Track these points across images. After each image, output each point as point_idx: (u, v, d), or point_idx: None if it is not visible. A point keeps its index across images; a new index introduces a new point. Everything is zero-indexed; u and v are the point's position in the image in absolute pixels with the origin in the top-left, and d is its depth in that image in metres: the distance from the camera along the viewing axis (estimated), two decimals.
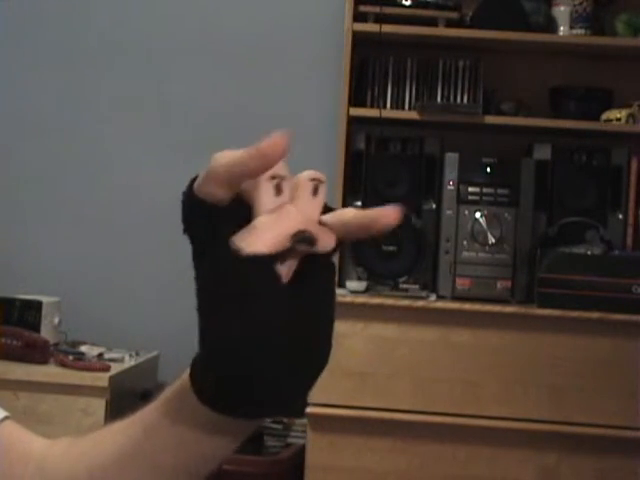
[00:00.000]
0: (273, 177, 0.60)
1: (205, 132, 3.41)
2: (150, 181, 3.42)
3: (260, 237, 0.59)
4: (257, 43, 3.41)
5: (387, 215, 0.60)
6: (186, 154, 3.42)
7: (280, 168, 0.61)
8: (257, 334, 0.58)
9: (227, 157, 0.60)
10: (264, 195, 0.60)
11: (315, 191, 0.61)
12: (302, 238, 0.59)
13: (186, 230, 0.63)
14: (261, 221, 0.60)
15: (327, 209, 0.62)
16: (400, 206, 0.61)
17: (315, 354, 0.61)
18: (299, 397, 0.62)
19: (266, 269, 0.59)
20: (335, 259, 0.63)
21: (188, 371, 0.65)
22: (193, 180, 0.62)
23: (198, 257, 0.62)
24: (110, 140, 3.45)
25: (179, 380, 0.68)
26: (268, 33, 3.41)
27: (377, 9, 3.07)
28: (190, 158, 3.42)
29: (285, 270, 0.60)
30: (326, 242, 0.60)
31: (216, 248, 0.60)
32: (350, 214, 0.62)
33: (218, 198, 0.61)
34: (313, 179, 0.61)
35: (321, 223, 0.61)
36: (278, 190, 0.60)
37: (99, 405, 2.85)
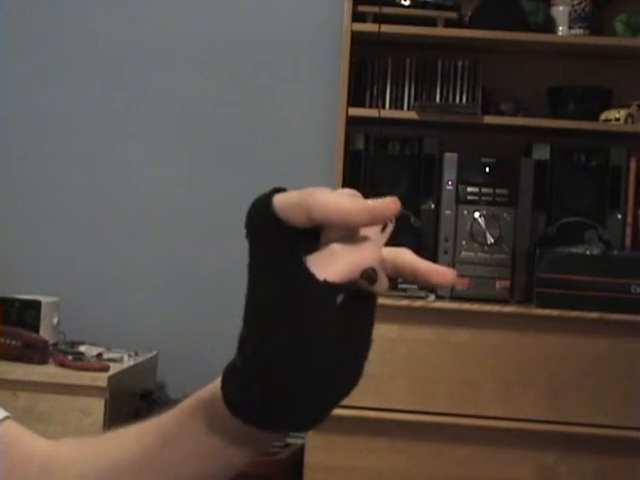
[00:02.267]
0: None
1: (205, 132, 3.40)
2: (150, 181, 3.42)
3: (335, 265, 0.60)
4: (256, 43, 3.41)
5: (441, 275, 0.63)
6: (187, 155, 3.43)
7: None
8: (306, 354, 0.60)
9: (330, 200, 0.64)
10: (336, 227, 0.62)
11: (384, 228, 0.63)
12: (369, 276, 0.61)
13: (249, 236, 0.63)
14: (338, 249, 0.61)
15: None
16: (454, 272, 0.63)
17: (349, 378, 0.64)
18: (326, 413, 0.63)
19: (331, 296, 0.60)
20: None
21: (216, 383, 0.65)
22: (273, 190, 0.64)
23: (257, 265, 0.62)
24: (110, 140, 3.45)
25: (204, 391, 0.67)
26: (267, 33, 3.41)
27: (376, 9, 3.07)
28: (192, 159, 3.42)
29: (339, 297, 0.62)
30: (383, 283, 0.63)
31: (290, 265, 0.60)
32: (407, 257, 0.64)
33: (297, 225, 0.62)
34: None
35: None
36: (384, 228, 0.63)
37: (98, 405, 2.85)
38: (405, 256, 0.63)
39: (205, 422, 0.67)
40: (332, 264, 0.60)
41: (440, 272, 0.62)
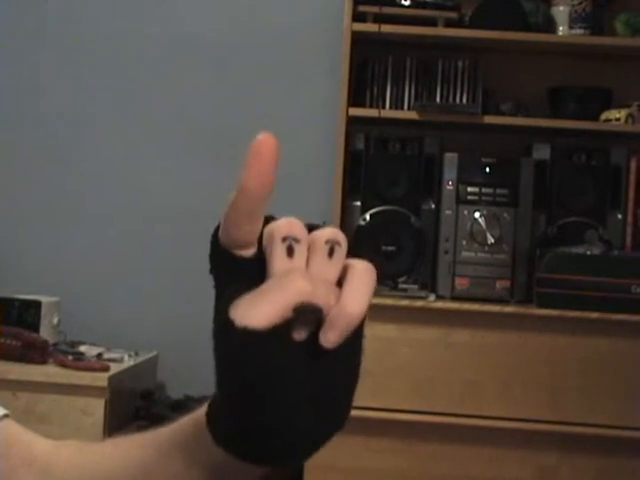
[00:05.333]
0: (285, 238, 0.58)
1: (205, 132, 3.40)
2: (150, 182, 3.42)
3: (258, 309, 0.56)
4: (256, 43, 3.40)
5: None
6: (188, 155, 3.43)
7: (294, 229, 0.58)
8: (259, 397, 0.57)
9: (224, 213, 0.59)
10: (277, 258, 0.58)
11: (331, 253, 0.59)
12: (303, 310, 0.57)
13: (211, 270, 0.61)
14: (263, 289, 0.57)
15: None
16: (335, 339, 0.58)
17: (332, 412, 0.61)
18: (312, 450, 0.61)
19: (262, 340, 0.56)
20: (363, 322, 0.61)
21: (204, 409, 0.64)
22: (219, 224, 0.60)
23: (218, 299, 0.60)
24: (111, 140, 3.45)
25: (196, 413, 0.67)
26: (267, 33, 3.41)
27: (376, 9, 3.07)
28: (192, 159, 3.42)
29: (301, 329, 0.58)
30: (341, 310, 0.58)
31: (218, 310, 0.58)
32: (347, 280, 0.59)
33: (239, 245, 0.59)
34: (328, 241, 0.59)
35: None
36: (290, 252, 0.58)
37: (98, 405, 2.84)
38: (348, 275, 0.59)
39: (194, 447, 0.66)
40: (255, 307, 0.56)
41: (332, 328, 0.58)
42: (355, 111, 3.10)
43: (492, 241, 3.04)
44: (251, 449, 0.60)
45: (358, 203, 3.11)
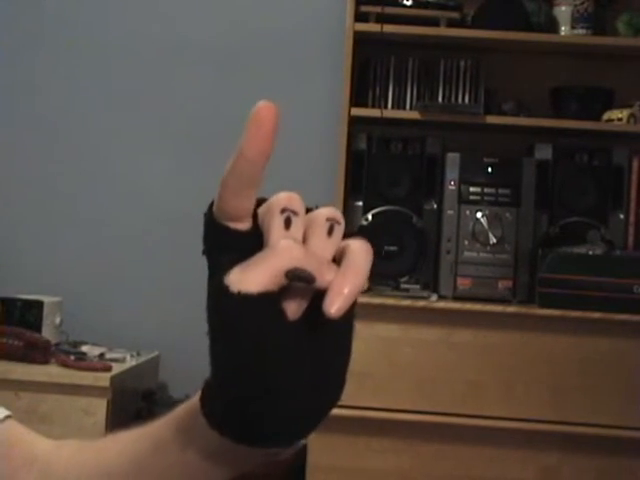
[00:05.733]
0: (283, 210, 0.58)
1: (206, 132, 3.40)
2: (151, 182, 3.42)
3: (252, 274, 0.57)
4: (258, 43, 3.41)
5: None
6: (187, 155, 3.43)
7: (294, 202, 0.59)
8: (251, 368, 0.57)
9: (219, 187, 0.59)
10: (274, 229, 0.58)
11: (330, 231, 0.60)
12: (296, 276, 0.57)
13: (204, 251, 0.61)
14: (258, 256, 0.58)
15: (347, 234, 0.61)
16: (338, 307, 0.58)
17: (326, 390, 0.61)
18: (307, 429, 0.61)
19: (256, 306, 0.57)
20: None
21: (199, 394, 0.64)
22: (212, 201, 0.61)
23: (212, 276, 0.60)
24: (111, 141, 3.45)
25: (191, 400, 0.67)
26: (269, 33, 3.41)
27: (378, 9, 3.07)
28: (192, 159, 3.42)
29: (293, 306, 0.59)
30: (330, 280, 0.58)
31: (212, 279, 0.59)
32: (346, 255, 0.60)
33: (236, 214, 0.59)
34: (329, 219, 0.60)
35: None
36: (287, 224, 0.58)
37: (100, 405, 2.85)
38: (347, 254, 0.60)
39: (190, 432, 0.66)
40: (249, 272, 0.57)
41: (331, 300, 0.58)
42: (357, 111, 3.10)
43: (494, 241, 3.04)
44: (246, 430, 0.60)
45: (360, 203, 3.11)
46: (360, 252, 0.61)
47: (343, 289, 0.58)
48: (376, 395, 2.80)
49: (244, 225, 0.60)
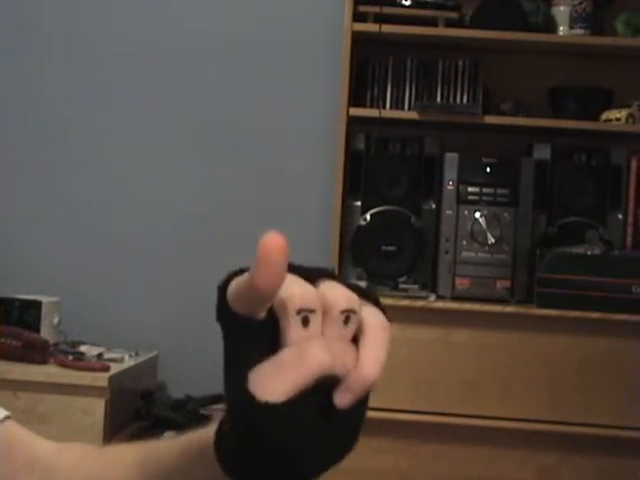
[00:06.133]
0: (299, 311, 0.57)
1: (205, 132, 3.40)
2: (150, 182, 3.42)
3: (278, 382, 0.56)
4: (256, 43, 3.40)
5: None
6: (187, 155, 3.43)
7: (309, 301, 0.57)
8: (277, 458, 0.58)
9: (236, 284, 0.57)
10: (292, 329, 0.57)
11: (346, 321, 0.58)
12: (324, 383, 0.57)
13: (218, 319, 0.60)
14: (283, 361, 0.57)
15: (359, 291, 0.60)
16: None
17: (337, 457, 0.61)
18: (320, 476, 0.62)
19: (283, 411, 0.57)
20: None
21: (210, 430, 0.63)
22: (229, 276, 0.59)
23: (229, 359, 0.59)
24: (111, 141, 3.45)
25: (201, 436, 0.67)
26: (267, 33, 3.41)
27: (377, 9, 3.07)
28: (193, 160, 3.42)
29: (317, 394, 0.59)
30: (359, 375, 0.59)
31: (234, 382, 0.57)
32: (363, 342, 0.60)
33: (248, 314, 0.58)
34: (344, 311, 0.58)
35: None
36: (305, 323, 0.57)
37: (99, 405, 2.84)
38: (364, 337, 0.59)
39: (196, 467, 0.66)
40: (275, 381, 0.56)
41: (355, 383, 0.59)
42: (355, 111, 3.10)
43: (492, 241, 3.04)
44: None
45: (358, 203, 3.11)
46: (377, 337, 0.60)
47: (355, 386, 0.59)
48: (374, 395, 2.79)
49: (260, 316, 0.58)
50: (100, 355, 3.07)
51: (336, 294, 0.58)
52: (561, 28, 3.19)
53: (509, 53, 3.29)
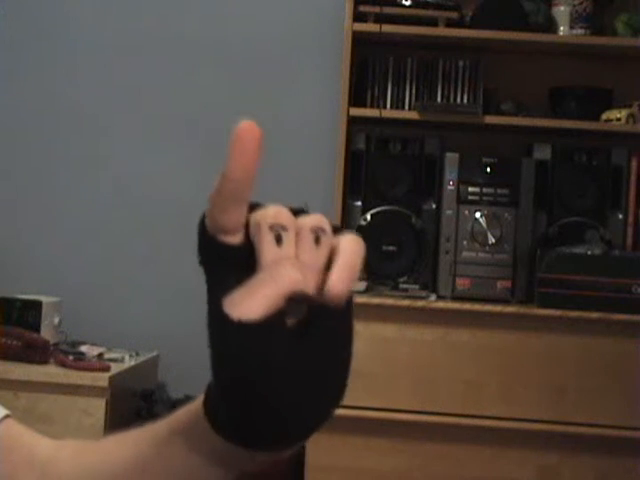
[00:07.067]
0: (272, 227, 0.58)
1: (205, 132, 3.40)
2: (151, 182, 3.42)
3: (251, 301, 0.57)
4: (257, 43, 3.41)
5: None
6: (188, 155, 3.43)
7: (281, 217, 0.59)
8: (255, 385, 0.58)
9: (209, 198, 0.59)
10: (265, 247, 0.58)
11: (317, 241, 0.59)
12: (296, 299, 0.58)
13: (201, 262, 0.62)
14: (255, 281, 0.58)
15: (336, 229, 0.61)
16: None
17: (327, 392, 0.61)
18: (310, 432, 0.61)
19: (256, 331, 0.57)
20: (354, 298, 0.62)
21: (202, 397, 0.65)
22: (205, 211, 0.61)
23: (210, 290, 0.60)
24: (111, 140, 3.45)
25: (193, 403, 0.67)
26: (268, 33, 3.41)
27: (377, 9, 3.07)
28: (193, 160, 3.42)
29: (293, 318, 0.59)
30: (329, 291, 0.59)
31: (212, 303, 0.59)
32: (340, 253, 0.60)
33: (226, 229, 0.59)
34: (313, 229, 0.59)
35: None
36: (278, 240, 0.58)
37: (99, 405, 2.85)
38: (341, 251, 0.60)
39: (191, 439, 0.67)
40: (249, 300, 0.57)
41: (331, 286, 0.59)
42: (356, 111, 3.10)
43: (493, 241, 3.04)
44: (251, 436, 0.61)
45: (359, 203, 3.11)
46: (350, 244, 0.60)
47: (340, 276, 0.59)
48: (374, 395, 2.80)
49: (236, 238, 0.60)
50: (100, 355, 3.07)
51: (306, 218, 0.60)
52: (561, 28, 3.19)
53: (509, 53, 3.29)
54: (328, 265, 0.60)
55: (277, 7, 3.42)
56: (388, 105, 3.19)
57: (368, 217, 3.10)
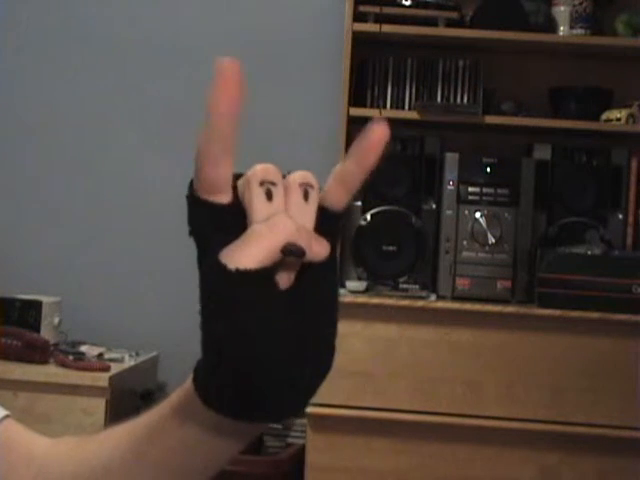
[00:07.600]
0: (262, 182, 0.60)
1: None
2: (151, 182, 3.42)
3: (248, 251, 0.59)
4: (257, 43, 3.40)
5: (373, 131, 0.63)
6: (188, 156, 3.42)
7: (270, 173, 0.60)
8: (251, 343, 0.58)
9: (195, 153, 0.60)
10: (256, 201, 0.60)
11: (306, 196, 0.61)
12: (291, 251, 0.59)
13: (191, 232, 0.62)
14: (251, 233, 0.59)
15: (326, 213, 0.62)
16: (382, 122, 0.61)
17: (317, 358, 0.61)
18: (302, 402, 0.62)
19: (253, 282, 0.58)
20: (337, 261, 0.63)
21: (192, 375, 0.64)
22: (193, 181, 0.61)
23: (200, 261, 0.62)
24: (111, 140, 3.45)
25: (184, 384, 0.68)
26: (268, 33, 3.41)
27: (377, 9, 3.07)
28: (192, 160, 3.42)
29: (284, 277, 0.60)
30: (318, 251, 0.60)
31: (207, 259, 0.60)
32: (339, 166, 0.62)
33: (216, 185, 0.60)
34: (301, 184, 0.61)
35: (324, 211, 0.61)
36: (269, 196, 0.60)
37: (99, 405, 2.85)
38: (338, 167, 0.62)
39: (186, 414, 0.67)
40: (245, 250, 0.59)
41: (369, 132, 0.62)
42: (356, 111, 3.10)
43: (493, 241, 3.04)
44: (242, 406, 0.61)
45: (359, 203, 3.11)
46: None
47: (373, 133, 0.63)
48: (375, 395, 2.80)
49: (225, 197, 0.61)
50: (100, 355, 3.07)
51: (294, 173, 0.62)
52: (561, 28, 3.19)
53: (509, 53, 3.29)
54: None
55: (277, 7, 3.42)
56: (388, 105, 3.19)
57: (368, 217, 3.10)
